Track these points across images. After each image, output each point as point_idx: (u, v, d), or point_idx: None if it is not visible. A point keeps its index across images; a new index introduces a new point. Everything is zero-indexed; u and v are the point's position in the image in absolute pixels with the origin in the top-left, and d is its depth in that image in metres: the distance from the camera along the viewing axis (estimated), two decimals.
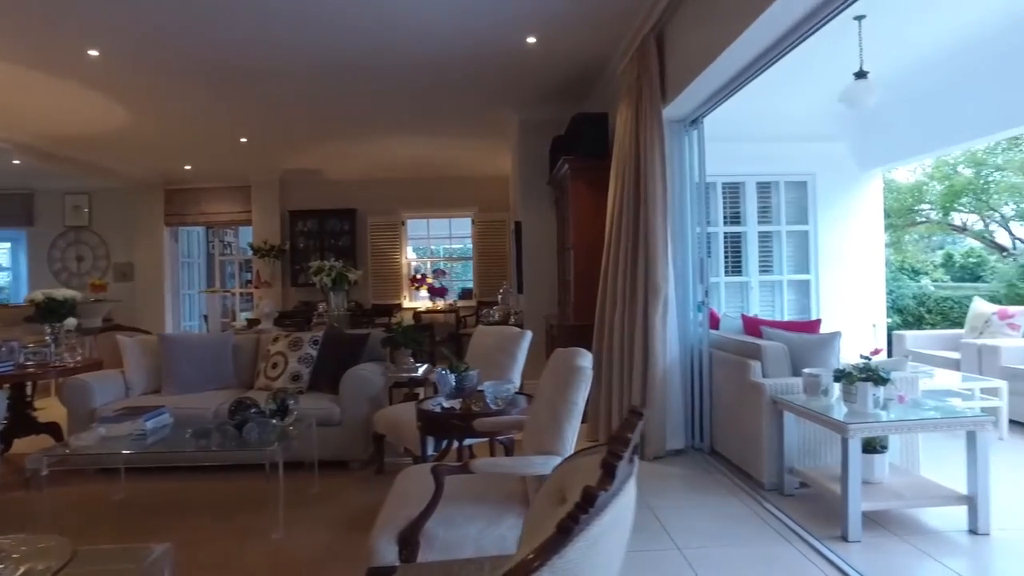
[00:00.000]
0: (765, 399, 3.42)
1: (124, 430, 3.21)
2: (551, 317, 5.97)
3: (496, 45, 4.64)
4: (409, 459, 3.66)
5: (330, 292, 5.80)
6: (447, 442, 3.33)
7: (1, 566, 1.65)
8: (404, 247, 9.62)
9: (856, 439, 2.80)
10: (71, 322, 4.67)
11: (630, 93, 4.34)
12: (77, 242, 9.64)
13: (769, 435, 3.41)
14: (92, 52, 4.53)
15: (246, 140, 7.35)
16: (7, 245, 10.43)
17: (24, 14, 3.94)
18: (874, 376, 2.98)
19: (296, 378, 4.32)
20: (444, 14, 4.09)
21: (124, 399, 4.18)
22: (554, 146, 5.92)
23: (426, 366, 4.47)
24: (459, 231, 9.96)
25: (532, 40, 4.56)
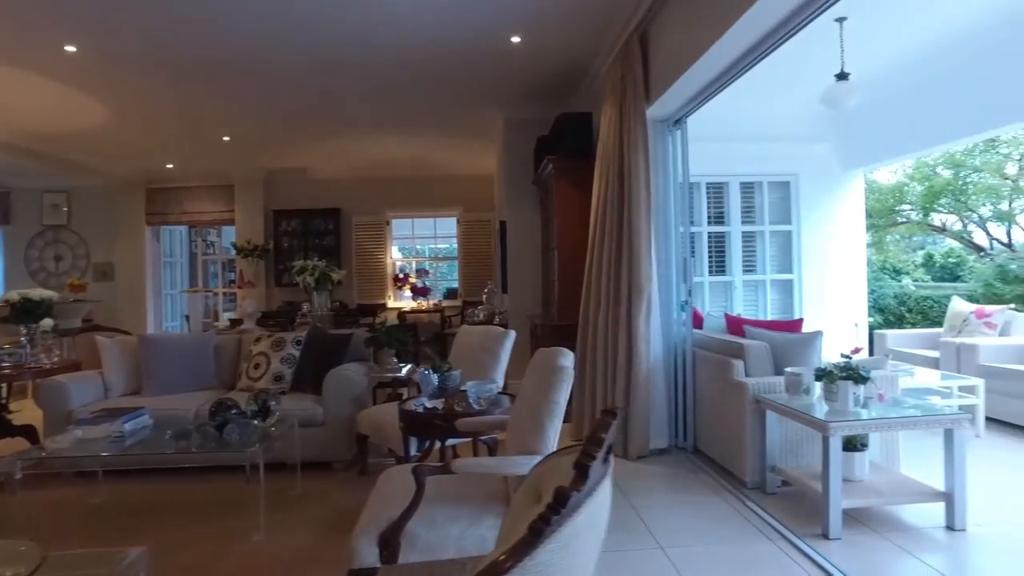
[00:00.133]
0: (748, 398, 3.44)
1: (101, 432, 3.15)
2: (535, 317, 5.97)
3: (480, 44, 4.63)
4: (393, 460, 3.64)
5: (313, 292, 5.76)
6: (430, 442, 3.31)
7: None
8: (389, 247, 9.57)
9: (837, 437, 2.82)
10: (47, 323, 4.58)
11: (614, 93, 4.35)
12: (55, 241, 9.47)
13: (751, 434, 3.43)
14: (69, 48, 4.46)
15: (229, 139, 7.27)
16: None
17: None
18: (854, 375, 3.01)
19: (278, 379, 4.28)
20: (428, 11, 4.07)
21: (103, 400, 4.11)
22: (539, 146, 5.92)
23: (410, 366, 4.45)
24: (444, 231, 9.92)
25: (516, 39, 4.56)
